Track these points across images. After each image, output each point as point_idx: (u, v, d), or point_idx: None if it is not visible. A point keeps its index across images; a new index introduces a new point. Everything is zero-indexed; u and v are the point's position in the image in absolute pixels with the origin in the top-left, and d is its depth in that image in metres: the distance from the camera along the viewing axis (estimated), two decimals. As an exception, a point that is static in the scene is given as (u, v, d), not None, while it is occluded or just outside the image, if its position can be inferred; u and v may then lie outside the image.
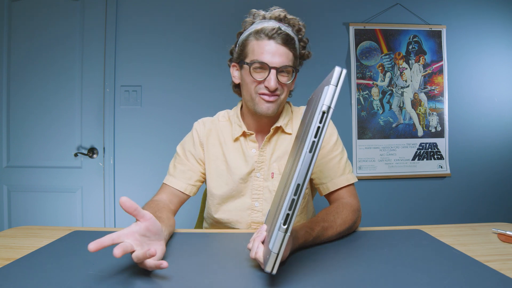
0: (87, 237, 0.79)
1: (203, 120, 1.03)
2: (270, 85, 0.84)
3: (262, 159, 0.95)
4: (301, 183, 0.48)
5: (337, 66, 0.49)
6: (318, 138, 0.48)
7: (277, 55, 0.84)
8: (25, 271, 0.58)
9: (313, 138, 0.48)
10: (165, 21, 1.94)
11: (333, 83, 0.48)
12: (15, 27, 1.90)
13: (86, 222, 1.90)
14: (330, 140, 0.96)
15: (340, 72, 0.48)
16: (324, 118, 0.48)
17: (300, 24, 0.90)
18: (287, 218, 0.48)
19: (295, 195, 0.48)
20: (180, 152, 1.00)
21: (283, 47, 0.85)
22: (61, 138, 1.90)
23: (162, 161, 1.91)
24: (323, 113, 0.48)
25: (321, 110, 0.48)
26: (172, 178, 0.96)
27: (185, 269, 0.61)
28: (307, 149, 0.48)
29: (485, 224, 0.93)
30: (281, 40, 0.84)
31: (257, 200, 0.95)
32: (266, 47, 0.84)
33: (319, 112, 0.48)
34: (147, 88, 1.93)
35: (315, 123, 0.48)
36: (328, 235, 0.74)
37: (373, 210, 2.02)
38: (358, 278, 0.56)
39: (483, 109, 2.10)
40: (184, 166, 0.97)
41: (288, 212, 0.48)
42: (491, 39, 2.10)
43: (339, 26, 2.03)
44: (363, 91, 2.02)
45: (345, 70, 0.49)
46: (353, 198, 0.91)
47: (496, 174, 2.10)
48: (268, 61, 0.84)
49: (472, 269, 0.60)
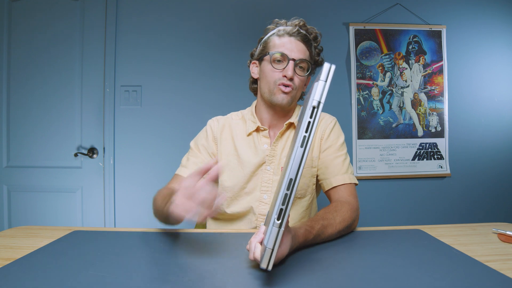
0: (87, 237, 0.79)
1: (217, 117, 1.09)
2: (288, 73, 0.91)
3: (273, 153, 0.99)
4: (293, 178, 0.49)
5: (326, 62, 0.51)
6: (309, 133, 0.49)
7: (295, 49, 0.93)
8: (25, 271, 0.58)
9: (304, 133, 0.49)
10: (165, 21, 1.94)
11: (323, 78, 0.50)
12: (15, 27, 1.90)
13: (86, 222, 1.90)
14: (338, 140, 1.01)
15: (329, 68, 0.50)
16: (315, 113, 0.49)
17: (317, 32, 0.99)
18: (281, 213, 0.49)
19: (288, 190, 0.49)
20: (193, 146, 1.05)
21: (302, 44, 0.94)
22: (61, 138, 1.90)
23: (162, 161, 1.91)
24: (313, 108, 0.49)
25: (312, 105, 0.49)
26: (185, 168, 1.00)
27: (185, 269, 0.61)
28: (299, 144, 0.49)
29: (485, 224, 0.93)
30: (300, 38, 0.94)
31: (266, 193, 0.98)
32: (286, 42, 0.94)
33: (309, 107, 0.50)
34: (147, 88, 1.93)
35: (306, 118, 0.49)
36: (328, 233, 0.74)
37: (373, 210, 2.01)
38: (358, 278, 0.56)
39: (483, 109, 2.10)
40: (197, 159, 1.01)
41: (281, 207, 0.49)
42: (491, 39, 2.10)
43: (339, 26, 2.03)
44: (363, 91, 2.02)
45: (334, 65, 0.50)
46: (353, 197, 0.92)
47: (496, 174, 2.10)
48: (288, 53, 0.92)
49: (472, 269, 0.60)
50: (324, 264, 0.64)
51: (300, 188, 0.98)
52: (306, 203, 1.00)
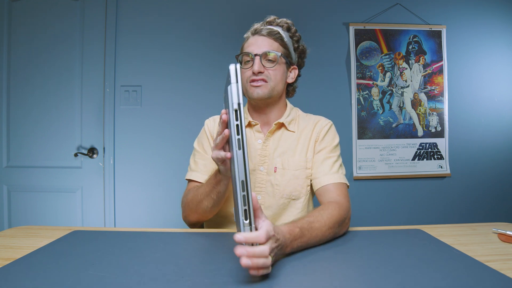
0: (87, 237, 0.79)
1: (213, 117, 1.10)
2: (254, 68, 0.93)
3: (265, 153, 0.99)
4: (244, 179, 0.53)
5: (230, 64, 0.54)
6: (241, 134, 0.54)
7: (258, 45, 0.95)
8: (25, 271, 0.58)
9: (237, 136, 0.53)
10: (165, 21, 1.94)
11: (233, 81, 0.54)
12: (15, 27, 1.90)
13: (86, 222, 1.90)
14: (333, 142, 1.01)
15: (235, 69, 0.54)
16: (239, 115, 0.54)
17: (288, 22, 1.01)
18: (246, 213, 0.52)
19: (244, 191, 0.52)
20: (198, 147, 1.05)
21: (267, 38, 0.96)
22: (61, 138, 1.90)
23: (162, 161, 1.91)
24: (235, 111, 0.54)
25: (233, 109, 0.54)
26: (196, 173, 1.00)
27: (185, 269, 0.61)
28: (236, 148, 0.53)
29: (485, 224, 0.93)
30: (265, 32, 0.96)
31: (260, 193, 0.98)
32: (251, 41, 0.97)
33: (232, 111, 0.54)
34: (147, 88, 1.93)
35: (233, 123, 0.54)
36: (316, 227, 0.72)
37: (373, 210, 2.01)
38: (358, 278, 0.56)
39: (483, 109, 2.10)
40: (204, 160, 1.01)
41: (244, 207, 0.52)
42: (491, 39, 2.10)
43: (339, 26, 2.03)
44: (363, 91, 2.02)
45: (238, 64, 0.54)
46: (343, 197, 0.90)
47: (496, 174, 2.10)
48: (251, 50, 0.95)
49: (472, 269, 0.60)
50: (324, 264, 0.64)
51: (293, 190, 0.97)
52: (301, 205, 0.99)
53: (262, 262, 0.54)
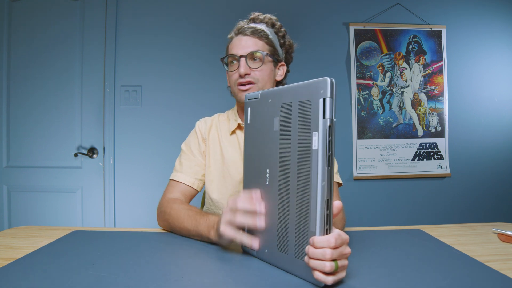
0: (87, 237, 0.79)
1: (204, 118, 1.09)
2: (240, 71, 0.91)
3: None
4: (329, 198, 0.50)
5: (327, 77, 0.50)
6: (331, 151, 0.50)
7: (242, 45, 0.92)
8: (25, 271, 0.58)
9: (328, 152, 0.50)
10: (165, 21, 1.94)
11: (329, 95, 0.50)
12: (15, 27, 1.90)
13: (86, 222, 1.90)
14: None
15: (332, 83, 0.50)
16: (332, 131, 0.50)
17: (272, 18, 0.99)
18: (326, 228, 0.51)
19: (327, 210, 0.50)
20: (185, 149, 1.04)
21: (251, 38, 0.93)
22: (61, 138, 1.90)
23: (162, 161, 1.91)
24: (329, 127, 0.50)
25: (327, 125, 0.50)
26: (180, 173, 0.99)
27: (184, 269, 0.61)
28: (325, 165, 0.50)
29: (485, 224, 0.93)
30: (249, 31, 0.94)
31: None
32: (234, 43, 0.95)
33: (324, 128, 0.50)
34: (147, 88, 1.93)
35: (324, 138, 0.50)
36: None
37: (373, 210, 2.01)
38: (358, 278, 0.56)
39: (483, 109, 2.10)
40: (190, 162, 1.00)
41: (326, 227, 0.50)
42: (491, 39, 2.10)
43: (339, 26, 2.03)
44: (363, 91, 2.02)
45: (333, 79, 0.50)
46: (334, 196, 0.90)
47: (496, 174, 2.10)
48: (235, 52, 0.92)
49: (472, 269, 0.60)
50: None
51: None
52: None
53: None
